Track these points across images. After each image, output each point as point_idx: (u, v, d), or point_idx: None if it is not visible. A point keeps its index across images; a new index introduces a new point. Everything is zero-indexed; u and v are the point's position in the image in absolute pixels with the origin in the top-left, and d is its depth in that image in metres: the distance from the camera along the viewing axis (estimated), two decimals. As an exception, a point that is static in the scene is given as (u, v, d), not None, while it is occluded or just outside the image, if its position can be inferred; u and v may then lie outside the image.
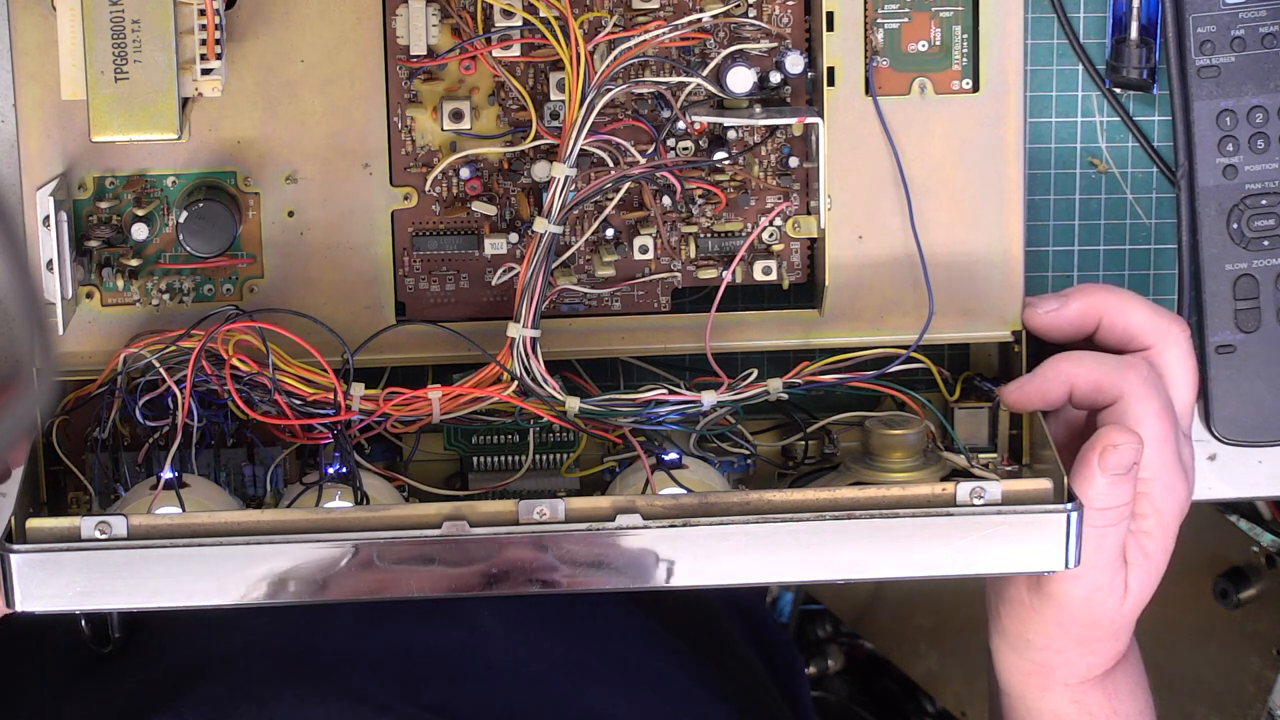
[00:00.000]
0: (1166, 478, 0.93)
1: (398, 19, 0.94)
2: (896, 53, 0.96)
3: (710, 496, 0.90)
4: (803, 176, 0.98)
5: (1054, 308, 0.96)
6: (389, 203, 0.96)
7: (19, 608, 0.87)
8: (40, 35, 0.92)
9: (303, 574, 0.88)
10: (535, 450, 0.98)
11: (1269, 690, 1.31)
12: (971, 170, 0.96)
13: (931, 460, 0.95)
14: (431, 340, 0.96)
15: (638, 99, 0.96)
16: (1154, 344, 0.95)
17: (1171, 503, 0.94)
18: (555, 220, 0.93)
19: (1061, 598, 0.94)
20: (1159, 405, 0.93)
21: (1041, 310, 0.96)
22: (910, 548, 0.89)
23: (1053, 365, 0.94)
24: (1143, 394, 0.93)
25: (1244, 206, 1.00)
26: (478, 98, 0.96)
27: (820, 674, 1.65)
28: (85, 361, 0.95)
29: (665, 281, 0.99)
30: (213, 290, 0.96)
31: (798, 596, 1.66)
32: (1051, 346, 0.97)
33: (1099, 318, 0.95)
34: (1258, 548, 1.30)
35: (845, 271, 0.97)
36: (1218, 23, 0.99)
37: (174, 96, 0.87)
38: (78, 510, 0.96)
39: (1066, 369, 0.94)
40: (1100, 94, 1.02)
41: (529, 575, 0.89)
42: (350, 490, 0.92)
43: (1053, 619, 0.95)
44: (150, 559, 0.87)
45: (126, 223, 0.95)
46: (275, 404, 0.93)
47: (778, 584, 1.62)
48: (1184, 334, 0.95)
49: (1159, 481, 0.93)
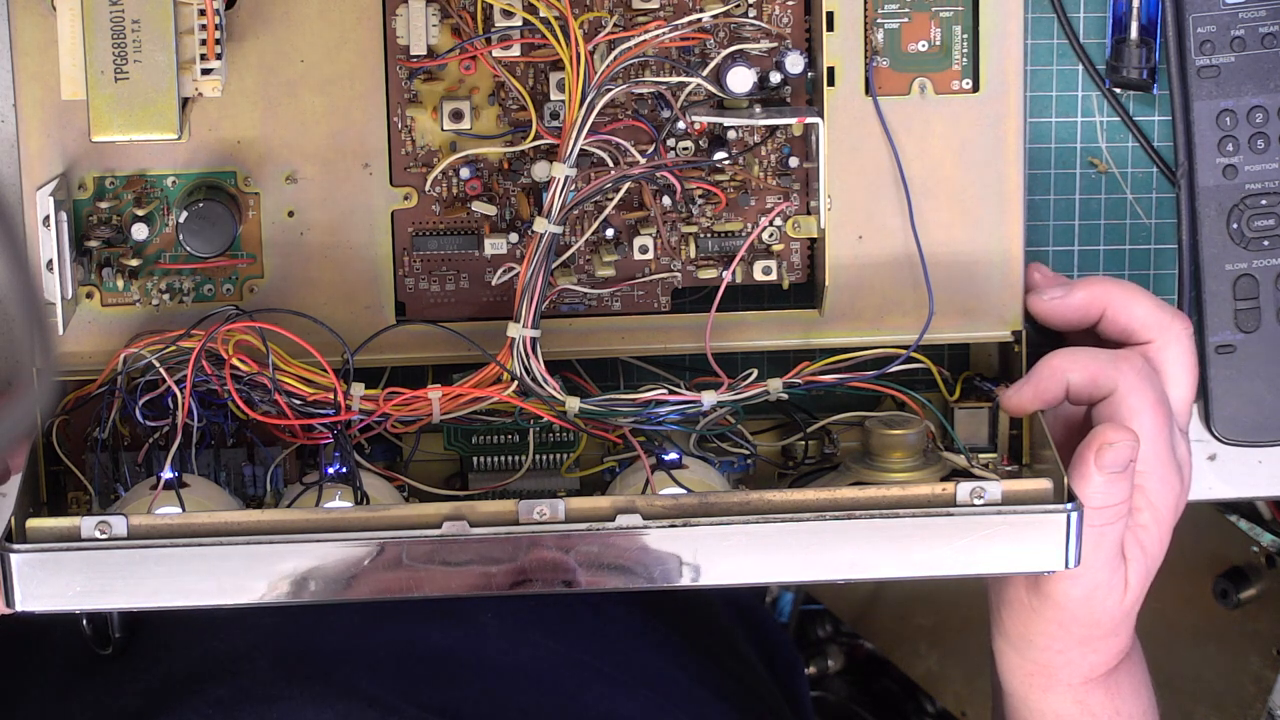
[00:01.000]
0: (1161, 471, 0.93)
1: (398, 19, 0.94)
2: (896, 53, 0.96)
3: (710, 496, 0.90)
4: (803, 176, 0.98)
5: (1058, 295, 0.96)
6: (389, 203, 0.96)
7: (19, 608, 0.87)
8: (40, 35, 0.92)
9: (303, 574, 0.88)
10: (535, 450, 0.98)
11: (1269, 690, 1.31)
12: (971, 170, 0.96)
13: (931, 460, 0.95)
14: (431, 340, 0.96)
15: (638, 99, 0.96)
16: (1155, 339, 0.95)
17: (1167, 497, 0.94)
18: (555, 220, 0.93)
19: (1061, 597, 0.94)
20: (1153, 398, 0.93)
21: (1046, 297, 0.96)
22: (910, 548, 0.89)
23: (1047, 363, 0.94)
24: (1136, 387, 0.92)
25: (1244, 206, 1.00)
26: (478, 98, 0.96)
27: (820, 674, 1.65)
28: (85, 361, 0.95)
29: (665, 281, 0.99)
30: (213, 290, 0.96)
31: (798, 596, 1.66)
32: (1051, 338, 0.97)
33: (1102, 309, 0.95)
34: (1258, 548, 1.30)
35: (845, 271, 0.97)
36: (1218, 23, 0.99)
37: (174, 96, 0.87)
38: (78, 510, 0.96)
39: (1061, 364, 0.93)
40: (1100, 94, 1.02)
41: (530, 576, 0.89)
42: (350, 490, 0.92)
43: (1053, 619, 0.95)
44: (150, 559, 0.87)
45: (126, 223, 0.95)
46: (275, 404, 0.93)
47: (778, 584, 1.62)
48: (1186, 330, 0.95)
49: (1154, 475, 0.93)
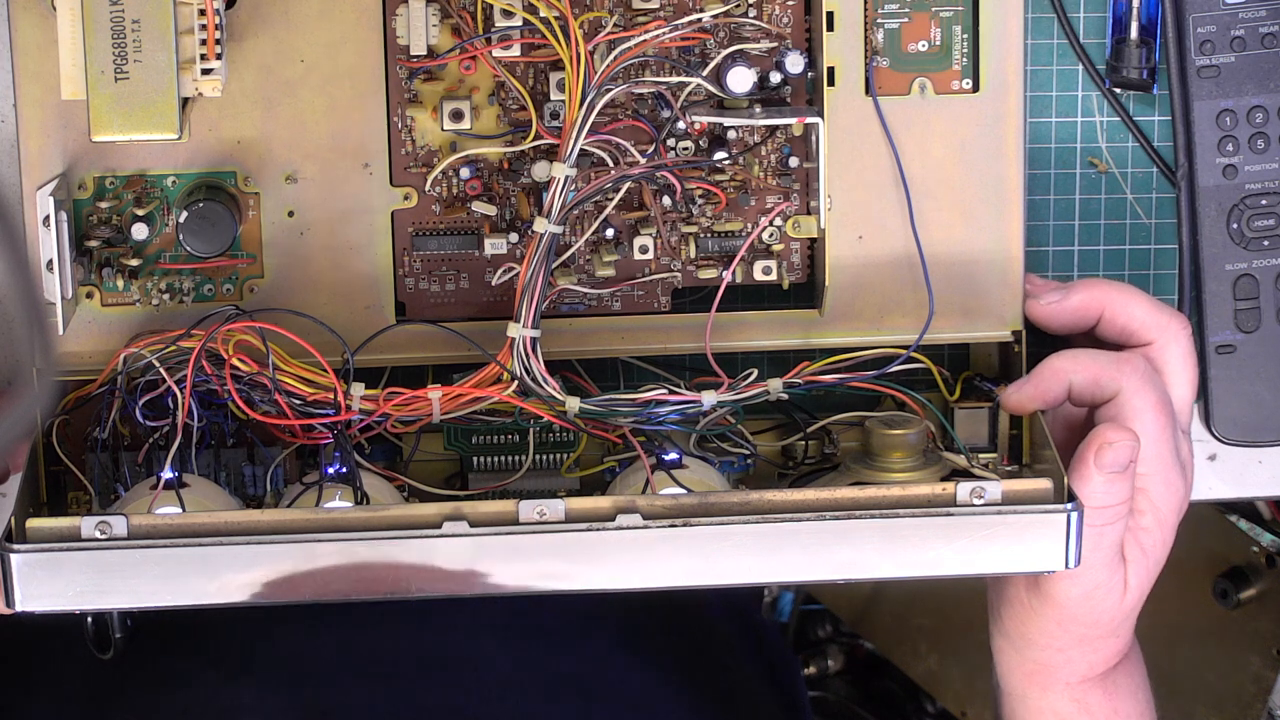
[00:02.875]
0: (1164, 473, 0.93)
1: (398, 19, 0.94)
2: (896, 53, 0.96)
3: (710, 496, 0.90)
4: (803, 176, 0.98)
5: (1055, 299, 0.96)
6: (389, 203, 0.96)
7: (19, 608, 0.87)
8: (40, 35, 0.92)
9: (303, 574, 0.88)
10: (535, 450, 0.98)
11: (1269, 690, 1.31)
12: (971, 170, 0.96)
13: (931, 460, 0.95)
14: (431, 340, 0.96)
15: (638, 99, 0.96)
16: (1154, 339, 0.95)
17: (1170, 498, 0.94)
18: (555, 220, 0.93)
19: (1060, 597, 0.94)
20: (1156, 400, 0.93)
21: (1043, 300, 0.96)
22: (910, 548, 0.89)
23: (1049, 364, 0.94)
24: (1139, 389, 0.92)
25: (1244, 206, 1.00)
26: (478, 98, 0.96)
27: (820, 674, 1.65)
28: (85, 361, 0.95)
29: (665, 281, 0.99)
30: (213, 290, 0.96)
31: (798, 596, 1.66)
32: (1051, 340, 0.97)
33: (1100, 311, 0.95)
34: (1258, 548, 1.30)
35: (845, 271, 0.97)
36: (1218, 23, 0.99)
37: (174, 96, 0.87)
38: (78, 510, 0.96)
39: (1063, 366, 0.93)
40: (1100, 94, 1.02)
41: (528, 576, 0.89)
42: (350, 490, 0.92)
43: (1053, 618, 0.95)
44: (150, 559, 0.87)
45: (126, 223, 0.95)
46: (275, 404, 0.93)
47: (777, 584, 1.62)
48: (1184, 331, 0.95)
49: (1157, 476, 0.93)
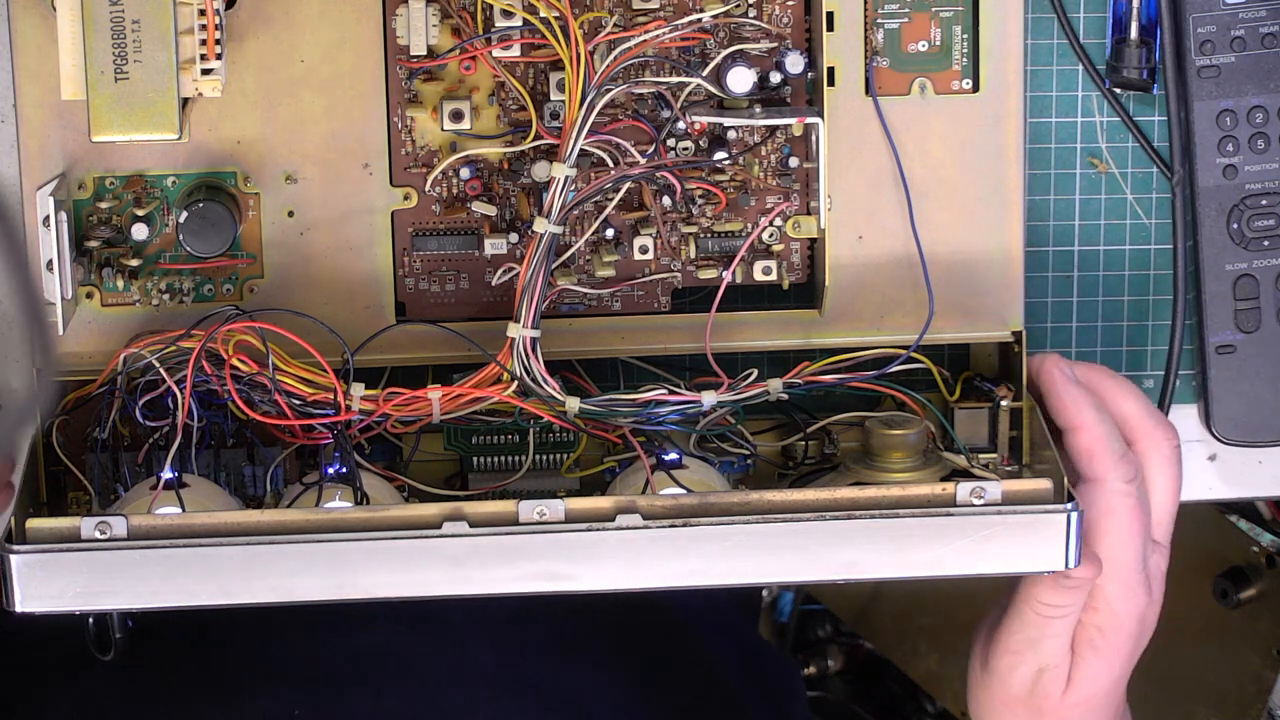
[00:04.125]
0: (1125, 576, 0.93)
1: (398, 19, 0.94)
2: (896, 53, 0.96)
3: (710, 496, 0.90)
4: (803, 176, 0.98)
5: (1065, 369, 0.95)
6: (389, 203, 0.96)
7: (19, 608, 0.87)
8: (40, 35, 0.92)
9: (303, 574, 0.88)
10: (535, 450, 0.98)
11: (1269, 690, 1.31)
12: (971, 170, 0.96)
13: (931, 460, 0.95)
14: (431, 340, 0.96)
15: (638, 99, 0.96)
16: (1138, 441, 0.95)
17: (1128, 605, 0.94)
18: (555, 220, 0.93)
19: (1004, 673, 0.96)
20: (1132, 504, 0.93)
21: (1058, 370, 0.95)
22: (910, 548, 0.89)
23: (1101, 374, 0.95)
24: (1120, 487, 0.93)
25: (1244, 206, 1.00)
26: (478, 98, 0.96)
27: (820, 674, 1.65)
28: (85, 361, 0.95)
29: (665, 281, 0.99)
30: (213, 290, 0.96)
31: (798, 596, 1.66)
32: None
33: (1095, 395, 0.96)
34: (1258, 548, 1.30)
35: (845, 271, 0.97)
36: (1218, 23, 0.99)
37: (174, 96, 0.87)
38: (78, 510, 0.96)
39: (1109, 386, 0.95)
40: (1100, 94, 1.02)
41: (530, 575, 0.89)
42: (350, 490, 0.92)
43: (998, 695, 0.97)
44: (150, 559, 0.87)
45: (126, 223, 0.95)
46: (275, 404, 0.93)
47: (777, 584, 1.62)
48: (1170, 442, 0.95)
49: (1116, 579, 0.93)
